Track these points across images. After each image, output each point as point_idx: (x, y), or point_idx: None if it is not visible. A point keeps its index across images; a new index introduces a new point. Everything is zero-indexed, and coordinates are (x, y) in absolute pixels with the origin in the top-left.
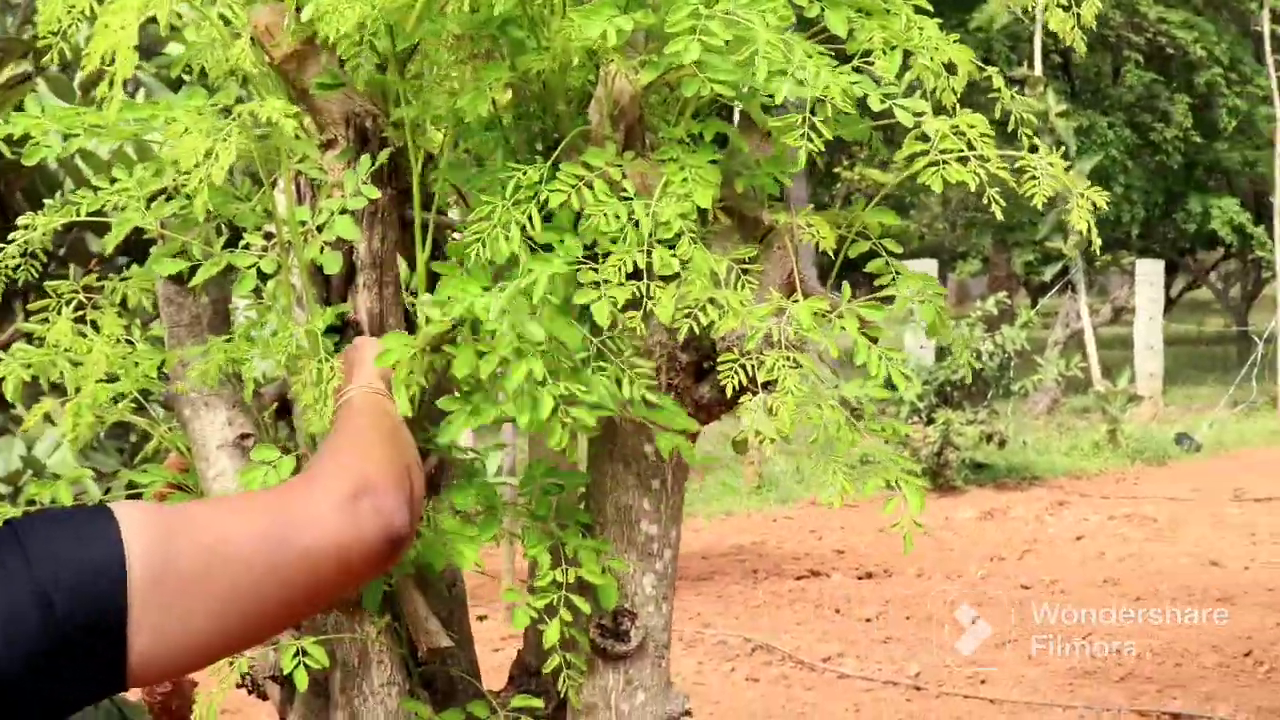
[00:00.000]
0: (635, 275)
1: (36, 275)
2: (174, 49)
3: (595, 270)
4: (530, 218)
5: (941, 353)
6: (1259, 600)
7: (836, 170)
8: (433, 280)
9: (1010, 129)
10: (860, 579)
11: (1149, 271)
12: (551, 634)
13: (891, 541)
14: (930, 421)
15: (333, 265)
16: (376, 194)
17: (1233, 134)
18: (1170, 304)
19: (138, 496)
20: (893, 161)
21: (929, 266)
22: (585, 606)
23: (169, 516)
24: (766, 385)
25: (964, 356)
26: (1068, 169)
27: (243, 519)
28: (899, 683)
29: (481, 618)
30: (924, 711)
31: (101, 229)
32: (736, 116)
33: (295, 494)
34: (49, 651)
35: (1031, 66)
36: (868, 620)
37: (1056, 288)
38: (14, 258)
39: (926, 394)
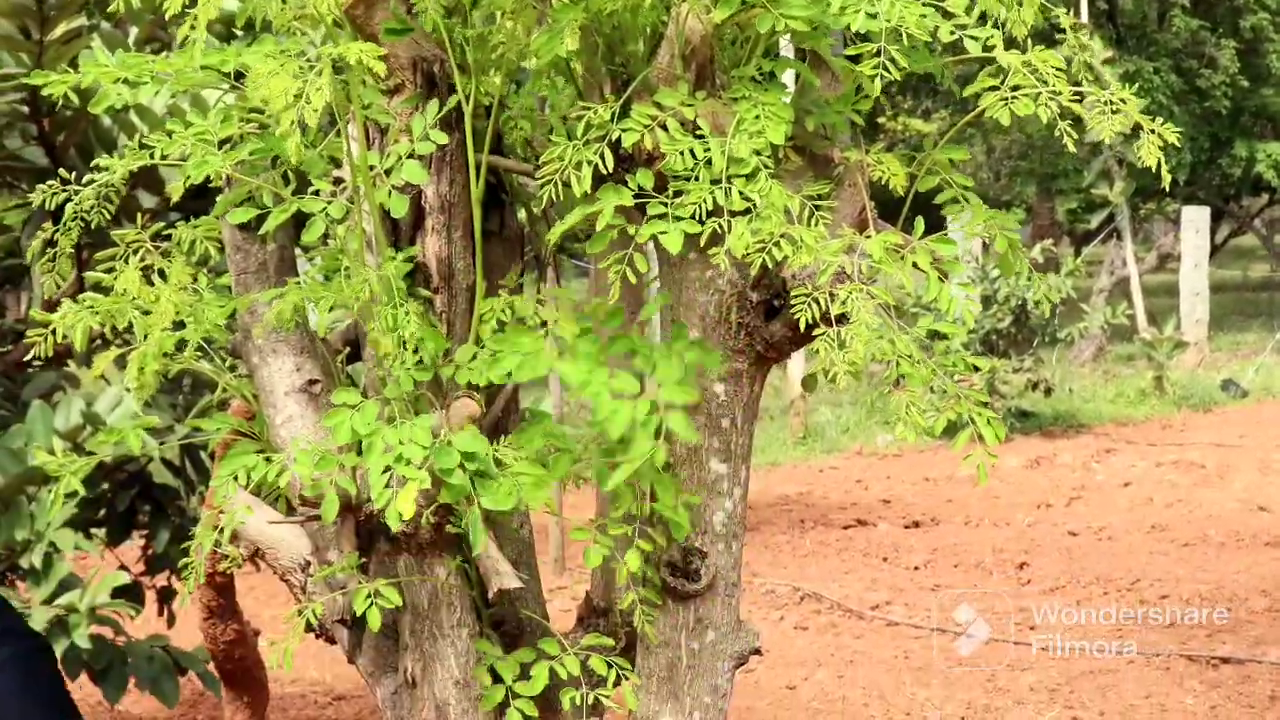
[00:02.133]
0: (711, 214)
1: (107, 221)
2: (230, 2)
3: (665, 204)
4: (602, 156)
5: (986, 301)
6: None
7: (879, 120)
8: (487, 234)
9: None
10: (907, 528)
11: (1194, 218)
12: (633, 561)
13: (938, 490)
14: (975, 370)
15: (399, 208)
16: (445, 139)
17: None
18: (1215, 250)
19: (203, 446)
20: (935, 112)
21: None
22: (661, 540)
23: None
24: (839, 320)
25: (1040, 289)
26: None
27: None
28: (947, 630)
29: None
30: (973, 657)
31: (154, 185)
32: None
33: None
34: None
35: (1077, 13)
36: (915, 569)
37: (1102, 235)
38: (90, 200)
39: (972, 342)
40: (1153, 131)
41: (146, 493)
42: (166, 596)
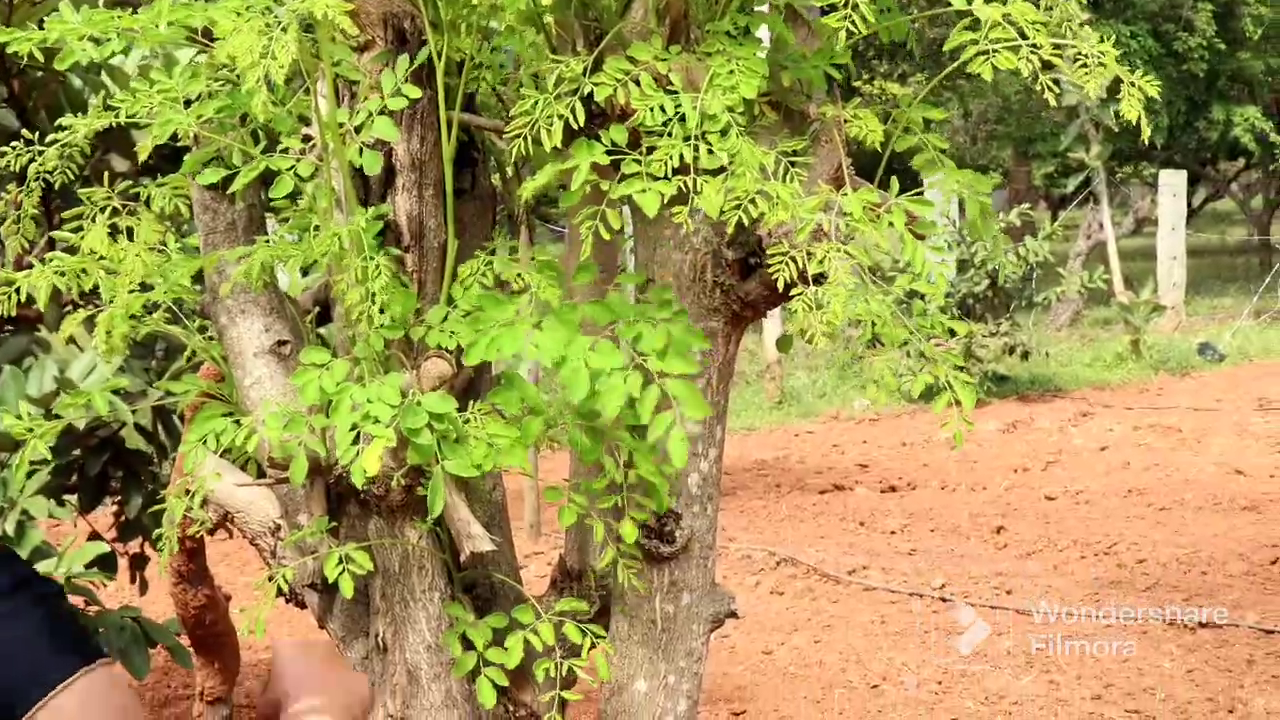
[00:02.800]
0: (680, 171)
1: (73, 181)
2: None
3: (639, 162)
4: (574, 111)
5: (963, 265)
6: None
7: (855, 85)
8: (459, 193)
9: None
10: (884, 492)
11: (1171, 182)
12: (629, 532)
13: (915, 455)
14: (952, 334)
15: (372, 165)
16: (417, 94)
17: (1256, 42)
18: (1192, 214)
19: (175, 410)
20: (913, 76)
21: None
22: (649, 504)
23: None
24: (816, 279)
25: (999, 255)
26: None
27: None
28: (924, 594)
29: None
30: (950, 622)
31: (127, 149)
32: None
33: None
34: None
35: None
36: (892, 533)
37: (1078, 199)
38: (53, 160)
39: (949, 307)
40: (1133, 85)
41: (119, 458)
42: (139, 563)
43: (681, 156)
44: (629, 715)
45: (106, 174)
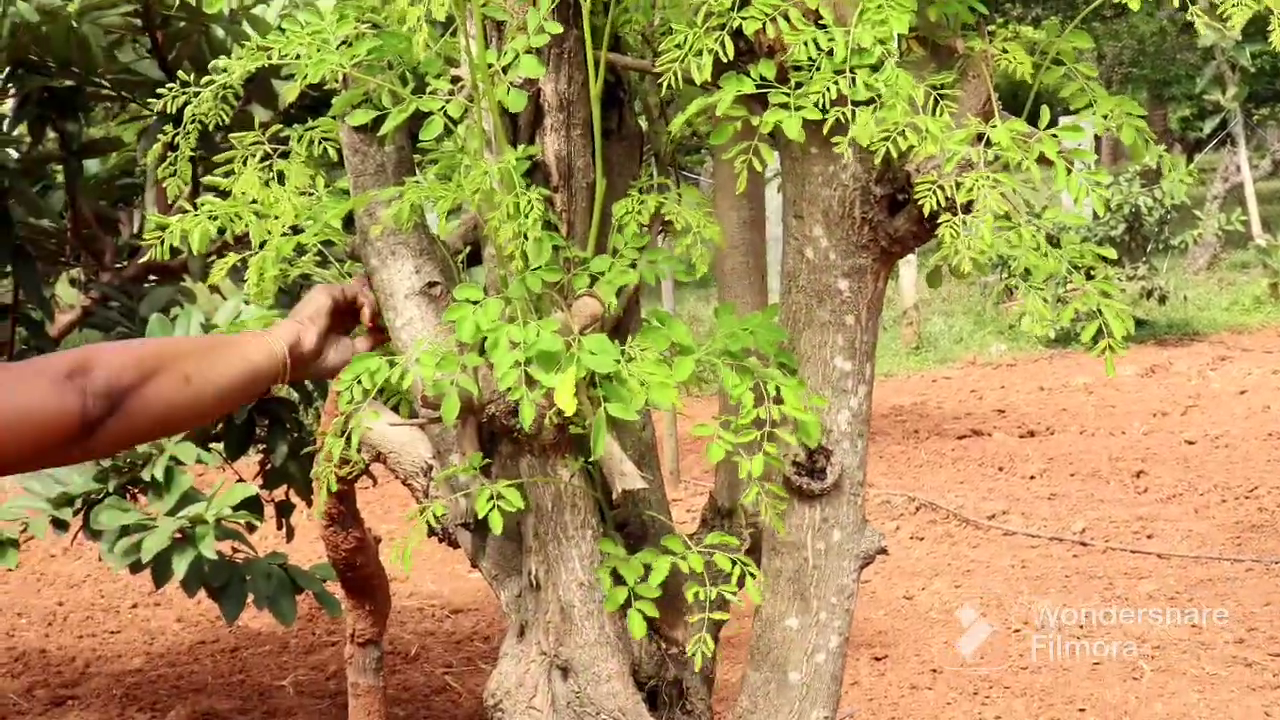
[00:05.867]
0: (833, 103)
1: (223, 126)
2: None
3: (787, 94)
4: (723, 44)
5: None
6: None
7: (990, 28)
8: (606, 133)
9: None
10: (1022, 437)
11: None
12: (757, 466)
13: (1052, 399)
14: (1089, 278)
15: (518, 104)
16: (558, 29)
17: None
18: None
19: None
20: (1045, 19)
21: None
22: (791, 439)
23: None
24: (965, 208)
25: (1173, 176)
26: (1224, 18)
27: None
28: (1064, 539)
29: None
30: (1090, 566)
31: (269, 99)
32: None
33: (24, 364)
34: None
35: None
36: (1031, 478)
37: (1214, 142)
38: (208, 102)
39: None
40: None
41: (264, 406)
42: (284, 511)
43: (835, 87)
44: (781, 651)
45: (255, 127)
